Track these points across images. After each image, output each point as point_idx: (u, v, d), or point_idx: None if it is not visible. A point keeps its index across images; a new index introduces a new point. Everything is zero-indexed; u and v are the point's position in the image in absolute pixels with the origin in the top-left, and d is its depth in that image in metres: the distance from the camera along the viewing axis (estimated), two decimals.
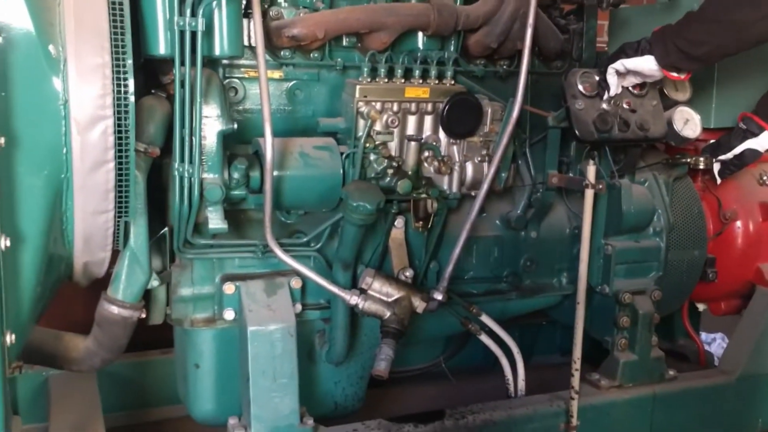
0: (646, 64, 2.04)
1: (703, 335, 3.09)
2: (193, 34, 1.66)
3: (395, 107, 1.98)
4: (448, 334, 2.47)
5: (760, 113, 2.34)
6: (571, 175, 2.27)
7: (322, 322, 2.07)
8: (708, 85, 2.44)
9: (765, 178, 2.63)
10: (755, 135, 2.34)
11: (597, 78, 2.13)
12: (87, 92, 1.48)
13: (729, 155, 2.41)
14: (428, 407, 2.27)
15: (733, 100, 2.45)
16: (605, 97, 2.13)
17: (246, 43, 1.87)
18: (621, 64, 2.07)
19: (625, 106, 2.14)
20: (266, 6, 1.92)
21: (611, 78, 2.11)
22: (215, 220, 1.79)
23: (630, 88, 2.17)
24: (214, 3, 1.69)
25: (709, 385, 2.44)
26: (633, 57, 2.05)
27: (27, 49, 1.43)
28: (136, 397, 2.42)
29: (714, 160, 2.45)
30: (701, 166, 2.44)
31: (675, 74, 2.05)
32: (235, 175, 1.82)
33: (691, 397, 2.38)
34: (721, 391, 2.44)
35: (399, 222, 2.06)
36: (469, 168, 2.11)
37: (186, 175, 1.74)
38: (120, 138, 1.52)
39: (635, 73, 2.10)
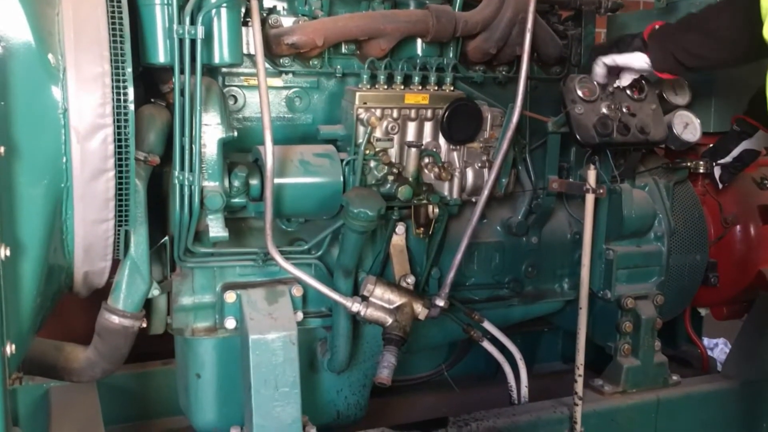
0: (637, 62, 2.03)
1: (706, 340, 3.09)
2: (193, 43, 1.66)
3: (395, 114, 1.98)
4: (450, 341, 2.46)
5: (752, 113, 2.34)
6: (571, 180, 2.28)
7: (323, 330, 2.07)
8: (707, 89, 2.45)
9: (765, 181, 2.63)
10: (750, 135, 2.34)
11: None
12: (87, 101, 1.47)
13: (728, 158, 2.42)
14: (431, 415, 2.26)
15: (733, 104, 2.45)
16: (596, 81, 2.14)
17: (245, 51, 1.87)
18: (611, 58, 2.07)
19: (624, 110, 2.14)
20: (265, 14, 1.92)
21: (598, 68, 2.11)
22: (216, 229, 1.78)
23: (629, 92, 2.17)
24: (214, 11, 1.70)
25: (713, 391, 2.43)
26: (624, 53, 2.04)
27: (26, 58, 1.42)
28: (138, 409, 2.40)
29: (714, 164, 2.45)
30: (701, 170, 2.45)
31: (669, 76, 2.05)
32: (236, 183, 1.82)
33: (694, 403, 2.38)
34: (724, 396, 2.43)
35: (400, 228, 2.05)
36: (470, 174, 2.11)
37: (186, 183, 1.73)
38: (120, 147, 1.52)
39: (626, 68, 2.09)
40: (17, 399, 2.20)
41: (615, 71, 2.13)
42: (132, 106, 1.51)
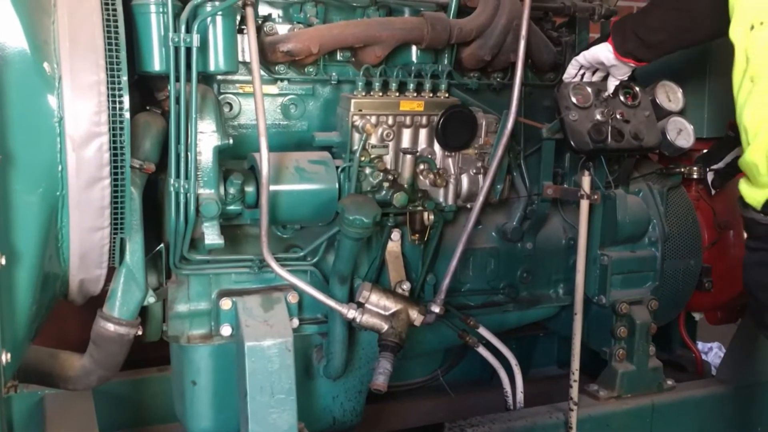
0: (602, 52, 2.03)
1: (700, 345, 3.10)
2: (188, 50, 1.67)
3: (390, 121, 1.99)
4: (445, 347, 2.46)
5: None
6: (566, 186, 2.28)
7: (319, 336, 2.07)
8: (700, 94, 2.46)
9: None
10: None
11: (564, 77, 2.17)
12: (82, 109, 1.47)
13: (720, 164, 2.43)
14: (427, 421, 2.27)
15: (726, 110, 2.46)
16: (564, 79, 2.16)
17: (240, 58, 1.88)
18: (582, 55, 2.09)
19: (618, 116, 2.15)
20: (260, 21, 1.93)
21: (570, 68, 2.13)
22: (211, 236, 1.78)
23: (622, 99, 2.18)
24: (209, 19, 1.70)
25: (708, 395, 2.44)
26: (591, 47, 2.06)
27: (22, 66, 1.42)
28: (133, 416, 2.39)
29: (707, 170, 2.46)
30: (695, 176, 2.46)
31: (632, 62, 2.03)
32: (231, 191, 1.82)
33: (689, 407, 2.38)
34: (719, 400, 2.44)
35: (395, 235, 2.06)
36: (465, 180, 2.12)
37: (182, 190, 1.73)
38: (115, 155, 1.52)
39: (598, 63, 2.09)
40: (12, 407, 2.20)
41: (592, 70, 2.15)
42: (128, 114, 1.52)
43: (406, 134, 2.03)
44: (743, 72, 1.54)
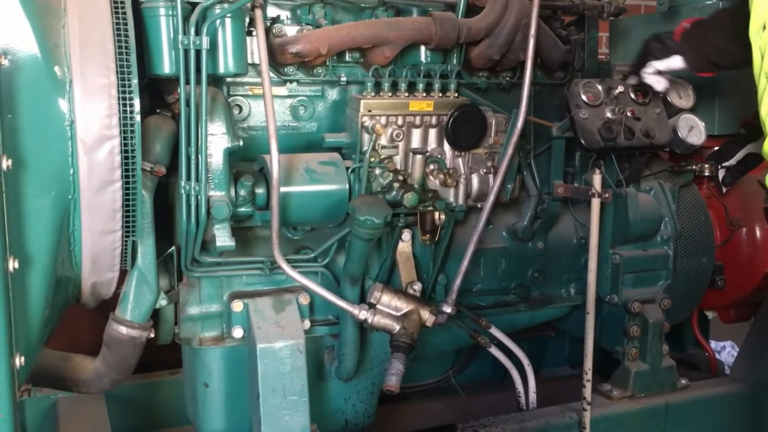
0: (676, 64, 2.05)
1: (713, 343, 3.08)
2: (198, 53, 1.67)
3: (399, 121, 1.99)
4: (457, 347, 2.46)
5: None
6: (576, 184, 2.27)
7: (331, 338, 2.06)
8: (711, 91, 2.45)
9: None
10: (756, 138, 2.34)
11: (629, 83, 2.15)
12: (93, 112, 1.48)
13: (732, 161, 2.41)
14: (439, 422, 2.26)
15: (736, 107, 2.45)
16: (660, 93, 2.14)
17: (250, 60, 1.88)
18: (652, 67, 2.08)
19: (629, 114, 2.14)
20: (269, 23, 1.93)
21: (652, 78, 2.11)
22: (223, 238, 1.78)
23: (633, 96, 2.17)
24: (218, 21, 1.70)
25: (722, 394, 2.43)
26: (662, 59, 2.05)
27: (33, 71, 1.42)
28: (145, 419, 2.40)
29: (719, 167, 2.45)
30: (706, 173, 2.44)
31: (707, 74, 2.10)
32: (242, 192, 1.82)
33: (704, 407, 2.37)
34: (734, 399, 2.43)
35: (406, 235, 2.05)
36: (475, 180, 2.11)
37: (193, 193, 1.74)
38: (126, 158, 1.52)
39: (672, 71, 2.10)
40: (25, 411, 2.20)
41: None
42: (138, 117, 1.52)
43: (416, 134, 2.03)
44: (759, 69, 1.59)
